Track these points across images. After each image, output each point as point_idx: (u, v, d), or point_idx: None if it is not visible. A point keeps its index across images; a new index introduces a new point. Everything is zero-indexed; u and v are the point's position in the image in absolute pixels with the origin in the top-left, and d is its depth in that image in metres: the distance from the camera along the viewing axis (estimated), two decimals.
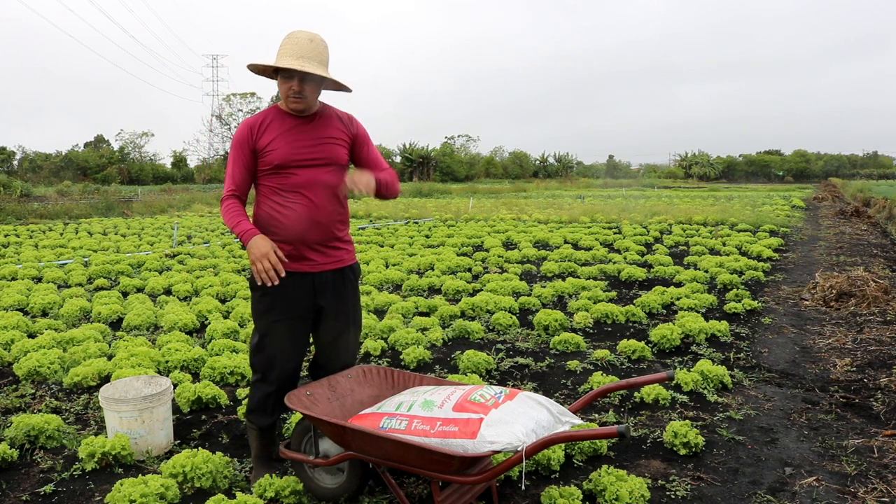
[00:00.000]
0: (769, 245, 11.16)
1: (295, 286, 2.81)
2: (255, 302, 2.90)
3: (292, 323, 2.85)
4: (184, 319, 5.80)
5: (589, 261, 9.97)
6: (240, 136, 2.81)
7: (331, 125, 2.88)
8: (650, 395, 3.98)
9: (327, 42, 2.77)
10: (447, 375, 4.36)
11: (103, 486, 2.99)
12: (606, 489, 2.77)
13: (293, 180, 2.78)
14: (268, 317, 2.85)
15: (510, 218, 18.29)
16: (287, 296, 2.81)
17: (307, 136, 2.81)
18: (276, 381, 2.90)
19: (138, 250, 11.76)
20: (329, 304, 2.90)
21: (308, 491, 2.85)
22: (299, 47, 2.68)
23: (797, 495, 2.88)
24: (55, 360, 4.60)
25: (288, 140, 2.77)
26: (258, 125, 2.80)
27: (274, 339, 2.87)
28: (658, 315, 6.35)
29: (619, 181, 60.65)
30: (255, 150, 2.80)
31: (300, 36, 2.72)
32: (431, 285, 7.81)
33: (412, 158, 66.20)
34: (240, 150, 2.81)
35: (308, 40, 2.71)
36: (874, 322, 5.88)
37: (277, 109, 2.86)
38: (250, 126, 2.81)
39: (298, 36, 2.72)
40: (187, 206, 26.25)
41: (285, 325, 2.85)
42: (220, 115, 62.74)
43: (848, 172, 73.31)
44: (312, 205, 2.80)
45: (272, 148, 2.77)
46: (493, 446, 2.26)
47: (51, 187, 36.99)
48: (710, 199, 27.52)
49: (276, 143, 2.77)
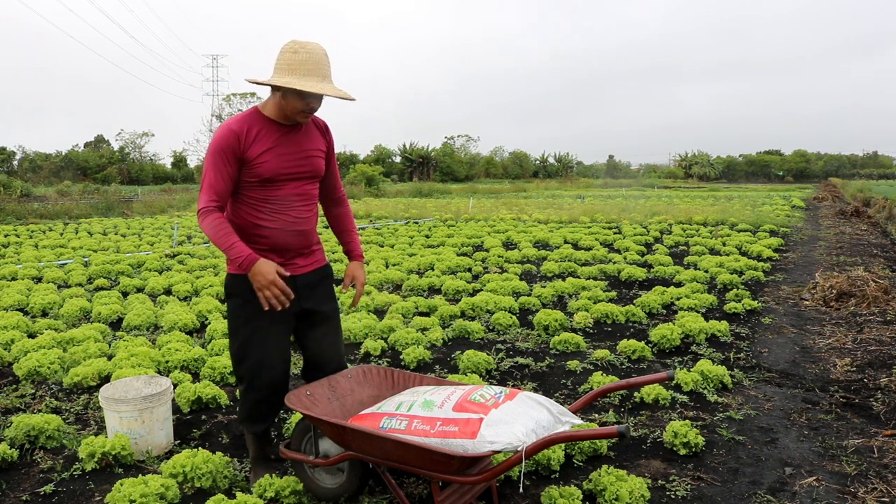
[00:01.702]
0: (769, 245, 11.16)
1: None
2: (236, 309, 2.81)
3: (276, 328, 2.80)
4: (184, 319, 5.80)
5: (589, 261, 9.97)
6: (224, 142, 2.61)
7: (313, 136, 2.82)
8: (650, 395, 3.98)
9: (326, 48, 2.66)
10: (447, 375, 4.36)
11: (103, 486, 2.99)
12: (606, 489, 2.77)
13: (278, 193, 2.72)
14: (251, 324, 2.78)
15: (510, 218, 18.29)
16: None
17: (294, 148, 2.73)
18: (265, 389, 2.85)
19: (138, 250, 11.76)
20: (317, 305, 2.90)
21: (308, 491, 2.85)
22: (321, 66, 2.57)
23: (797, 495, 2.88)
24: (55, 360, 4.60)
25: (278, 153, 2.68)
26: (245, 133, 2.63)
27: (257, 347, 2.80)
28: (658, 315, 6.35)
29: (619, 181, 60.65)
30: (241, 160, 2.64)
31: (316, 51, 2.58)
32: (431, 285, 7.81)
33: (412, 158, 66.20)
34: (224, 158, 2.61)
35: (324, 55, 2.60)
36: (874, 322, 5.88)
37: (261, 115, 2.69)
38: (237, 134, 2.61)
39: (314, 51, 2.57)
40: (187, 206, 26.24)
41: (269, 331, 2.78)
42: (220, 115, 62.67)
43: (848, 172, 73.34)
44: (295, 216, 2.77)
45: (262, 161, 2.65)
46: (493, 446, 2.26)
47: (51, 187, 37.00)
48: (710, 199, 27.52)
49: (266, 155, 2.65)
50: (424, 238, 13.39)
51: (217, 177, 2.62)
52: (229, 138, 2.61)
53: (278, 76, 2.58)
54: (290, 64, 2.56)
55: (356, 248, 3.09)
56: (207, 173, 2.64)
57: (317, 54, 2.57)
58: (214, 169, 2.62)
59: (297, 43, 2.59)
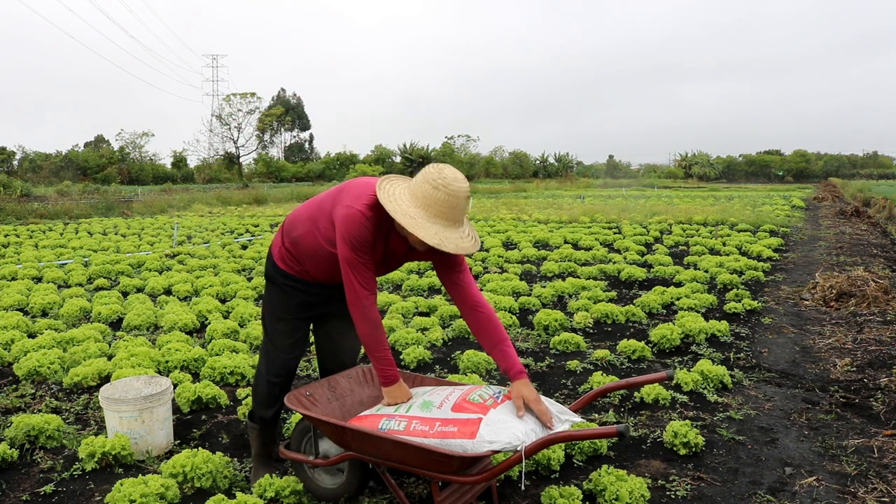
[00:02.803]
0: (769, 245, 11.16)
1: (318, 294, 2.88)
2: (274, 295, 2.91)
3: (300, 322, 2.93)
4: (184, 319, 5.80)
5: (589, 261, 9.97)
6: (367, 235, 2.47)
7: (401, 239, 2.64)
8: (650, 395, 3.98)
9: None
10: (447, 375, 4.36)
11: (103, 486, 2.99)
12: (606, 489, 2.77)
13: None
14: (285, 312, 2.90)
15: (510, 218, 18.29)
16: (301, 298, 2.87)
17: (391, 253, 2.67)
18: (285, 374, 2.95)
19: (138, 250, 11.76)
20: (335, 307, 2.96)
21: (308, 491, 2.85)
22: (454, 211, 2.37)
23: (797, 495, 2.88)
24: (55, 360, 4.60)
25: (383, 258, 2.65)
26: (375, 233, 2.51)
27: (289, 333, 2.91)
28: (658, 315, 6.35)
29: (619, 181, 60.63)
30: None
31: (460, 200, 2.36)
32: (431, 285, 7.81)
33: (412, 158, 66.15)
34: (368, 249, 2.50)
35: (465, 199, 2.38)
36: (874, 322, 5.88)
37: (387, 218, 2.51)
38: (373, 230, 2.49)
39: (458, 197, 2.36)
40: (187, 206, 26.27)
41: (299, 323, 2.92)
42: (220, 115, 62.63)
43: (848, 172, 73.30)
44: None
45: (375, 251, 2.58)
46: (493, 446, 2.26)
47: (51, 187, 36.97)
48: (710, 199, 27.51)
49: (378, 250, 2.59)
50: None
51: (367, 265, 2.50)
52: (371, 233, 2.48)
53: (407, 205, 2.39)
54: (430, 201, 2.36)
55: (514, 363, 2.55)
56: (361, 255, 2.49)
57: (457, 198, 2.36)
58: (365, 256, 2.49)
59: (443, 180, 2.35)
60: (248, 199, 29.35)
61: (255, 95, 62.07)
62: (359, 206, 2.47)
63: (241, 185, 47.71)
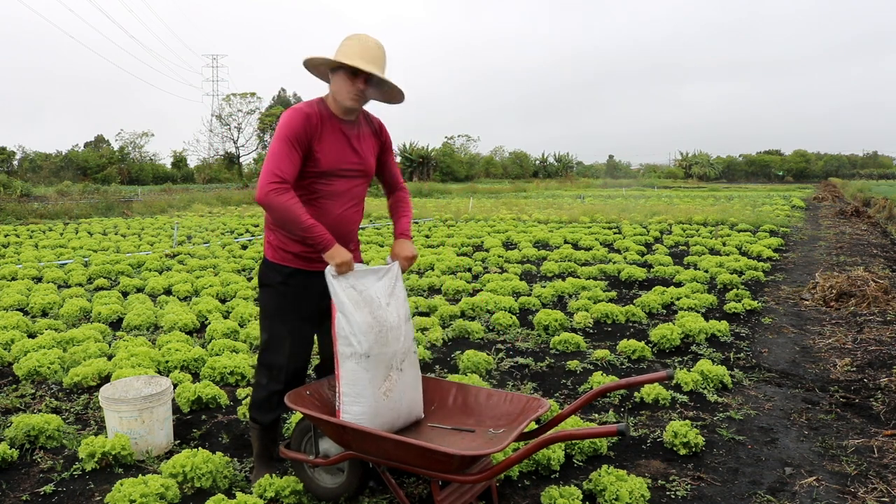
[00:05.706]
0: (769, 245, 11.17)
1: (310, 286, 2.79)
2: (269, 299, 2.86)
3: (305, 322, 2.86)
4: (184, 319, 5.80)
5: (589, 261, 9.97)
6: (297, 128, 2.59)
7: (368, 135, 2.85)
8: (650, 394, 3.98)
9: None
10: (447, 375, 4.36)
11: (103, 486, 2.99)
12: (606, 489, 2.77)
13: (328, 189, 2.73)
14: (282, 315, 2.84)
15: (510, 218, 18.29)
16: (299, 295, 2.80)
17: (350, 145, 2.75)
18: (284, 380, 2.88)
19: (138, 250, 11.76)
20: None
21: (308, 491, 2.85)
22: (370, 52, 2.63)
23: (797, 495, 2.88)
24: (55, 360, 4.60)
25: (336, 148, 2.70)
26: (315, 122, 2.64)
27: (287, 337, 2.85)
28: (658, 315, 6.35)
29: (619, 181, 60.64)
30: (309, 149, 2.64)
31: (369, 42, 2.66)
32: (431, 285, 7.81)
33: (412, 158, 66.18)
34: (296, 143, 2.59)
35: (377, 46, 2.66)
36: (874, 322, 5.88)
37: (326, 107, 2.71)
38: (309, 119, 2.62)
39: (367, 41, 2.66)
40: (187, 206, 26.26)
41: (298, 324, 2.85)
42: (220, 116, 62.63)
43: (848, 172, 73.32)
44: (340, 214, 2.78)
45: (323, 153, 2.66)
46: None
47: (51, 187, 36.96)
48: (710, 199, 27.52)
49: (327, 148, 2.67)
50: (424, 238, 13.40)
51: (286, 159, 2.57)
52: (302, 124, 2.60)
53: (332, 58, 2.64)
54: (343, 50, 2.64)
55: (402, 226, 2.99)
56: (277, 155, 2.57)
57: (370, 44, 2.65)
58: (286, 152, 2.58)
59: (354, 34, 2.69)
60: (248, 199, 29.35)
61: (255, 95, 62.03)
62: (297, 106, 2.68)
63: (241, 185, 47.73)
